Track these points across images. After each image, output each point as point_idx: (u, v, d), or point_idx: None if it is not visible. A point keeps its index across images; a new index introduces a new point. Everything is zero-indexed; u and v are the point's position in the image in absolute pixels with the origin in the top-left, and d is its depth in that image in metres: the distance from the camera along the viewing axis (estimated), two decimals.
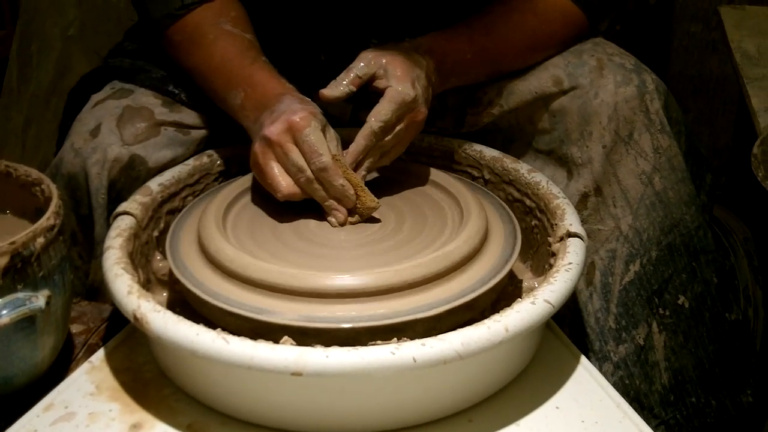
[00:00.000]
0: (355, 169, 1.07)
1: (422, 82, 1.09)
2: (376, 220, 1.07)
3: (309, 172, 1.03)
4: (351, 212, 1.07)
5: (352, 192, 1.05)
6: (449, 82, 1.17)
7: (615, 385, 1.15)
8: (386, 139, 1.07)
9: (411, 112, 1.08)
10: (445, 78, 1.15)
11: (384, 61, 1.09)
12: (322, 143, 1.02)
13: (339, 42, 1.13)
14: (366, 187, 1.06)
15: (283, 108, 1.05)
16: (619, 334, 1.17)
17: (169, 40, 1.20)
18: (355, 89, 1.09)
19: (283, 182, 1.03)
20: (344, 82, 1.09)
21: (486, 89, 1.23)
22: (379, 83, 1.08)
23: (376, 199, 1.06)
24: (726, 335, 1.21)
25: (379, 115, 1.06)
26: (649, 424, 1.16)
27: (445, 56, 1.15)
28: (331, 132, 1.06)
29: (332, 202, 1.05)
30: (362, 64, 1.09)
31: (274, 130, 1.03)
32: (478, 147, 1.21)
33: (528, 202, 1.13)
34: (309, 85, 1.11)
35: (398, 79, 1.07)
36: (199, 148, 1.20)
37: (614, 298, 1.17)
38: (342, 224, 1.06)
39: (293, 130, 1.02)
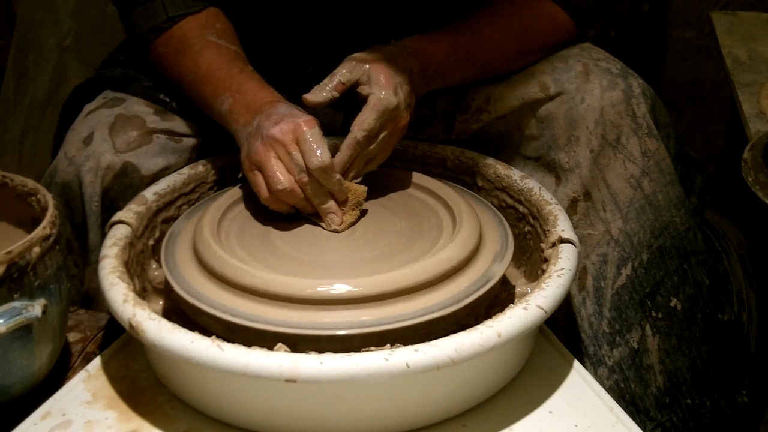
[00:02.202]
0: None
1: (405, 87, 1.10)
2: (369, 228, 1.08)
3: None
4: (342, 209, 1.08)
5: (345, 185, 1.07)
6: (434, 83, 1.18)
7: (610, 389, 1.16)
8: (371, 147, 1.08)
9: (394, 119, 1.09)
10: (429, 80, 1.16)
11: (367, 66, 1.09)
12: (324, 144, 1.04)
13: (327, 52, 1.14)
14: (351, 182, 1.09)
15: (284, 111, 1.07)
16: (613, 338, 1.17)
17: (156, 53, 1.21)
18: (338, 95, 1.10)
19: (282, 176, 1.04)
20: (327, 88, 1.10)
21: (474, 96, 1.23)
22: (363, 89, 1.09)
23: (362, 186, 1.08)
24: (719, 336, 1.21)
25: (362, 124, 1.06)
26: (645, 427, 1.16)
27: (430, 58, 1.15)
28: (326, 139, 1.06)
29: (329, 205, 1.06)
30: (345, 69, 1.10)
31: (279, 129, 1.04)
32: (470, 154, 1.21)
33: (521, 208, 1.14)
34: (299, 96, 1.12)
35: (381, 86, 1.07)
36: (191, 156, 1.21)
37: (607, 302, 1.17)
38: (338, 224, 1.07)
39: (298, 131, 1.04)
